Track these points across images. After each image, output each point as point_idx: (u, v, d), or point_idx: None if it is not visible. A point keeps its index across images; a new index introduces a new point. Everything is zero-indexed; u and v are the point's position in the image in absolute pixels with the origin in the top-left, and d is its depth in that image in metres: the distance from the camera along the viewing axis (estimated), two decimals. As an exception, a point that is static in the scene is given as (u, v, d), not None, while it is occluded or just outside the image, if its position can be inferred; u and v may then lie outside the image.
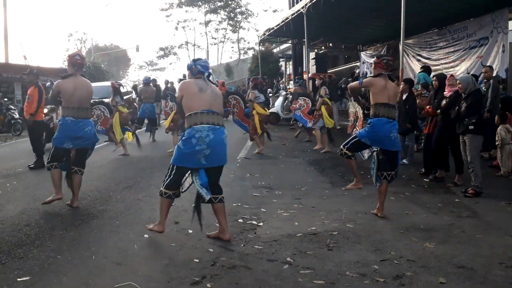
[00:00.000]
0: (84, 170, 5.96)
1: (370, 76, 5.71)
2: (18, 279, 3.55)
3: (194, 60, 4.60)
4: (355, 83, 5.68)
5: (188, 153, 4.25)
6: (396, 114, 8.89)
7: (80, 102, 5.71)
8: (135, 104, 16.43)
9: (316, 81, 11.53)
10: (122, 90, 11.72)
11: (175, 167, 4.38)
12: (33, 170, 8.54)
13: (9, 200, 6.14)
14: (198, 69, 4.48)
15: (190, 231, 4.73)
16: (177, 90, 4.63)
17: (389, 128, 5.23)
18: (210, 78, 4.52)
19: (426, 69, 10.67)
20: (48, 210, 5.64)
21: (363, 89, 6.23)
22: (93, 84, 6.51)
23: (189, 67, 4.57)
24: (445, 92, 7.06)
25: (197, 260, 3.91)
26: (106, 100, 10.68)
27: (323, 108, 10.66)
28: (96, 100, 9.48)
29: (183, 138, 4.30)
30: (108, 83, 13.58)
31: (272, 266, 3.81)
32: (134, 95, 17.75)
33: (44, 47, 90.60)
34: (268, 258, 3.98)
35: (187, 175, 4.47)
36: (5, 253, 4.13)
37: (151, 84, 14.15)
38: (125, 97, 11.88)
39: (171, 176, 4.40)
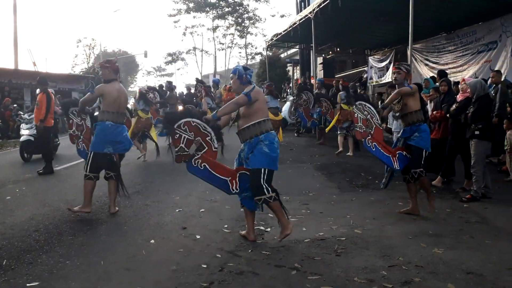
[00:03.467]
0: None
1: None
2: (28, 285, 3.58)
3: (245, 69, 4.63)
4: None
5: (276, 156, 4.54)
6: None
7: (119, 107, 5.76)
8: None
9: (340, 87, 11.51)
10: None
11: (268, 171, 4.51)
12: (42, 176, 8.60)
13: (18, 206, 6.19)
14: (248, 79, 4.58)
15: (198, 237, 4.74)
16: (254, 93, 4.49)
17: None
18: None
19: (442, 73, 10.35)
20: (57, 215, 5.68)
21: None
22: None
23: (240, 75, 4.56)
24: (457, 97, 7.04)
25: (205, 266, 3.92)
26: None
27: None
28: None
29: (267, 143, 4.43)
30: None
31: (280, 272, 3.80)
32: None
33: (53, 53, 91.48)
34: (275, 263, 3.98)
35: None
36: (14, 258, 4.16)
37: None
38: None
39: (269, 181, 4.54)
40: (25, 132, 10.35)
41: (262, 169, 4.42)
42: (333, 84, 15.45)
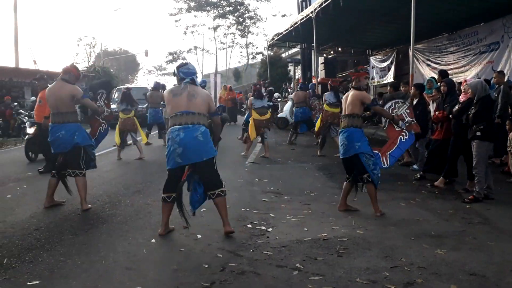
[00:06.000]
0: (84, 171, 5.93)
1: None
2: (28, 283, 3.56)
3: (178, 67, 4.80)
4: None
5: (168, 154, 4.62)
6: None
7: (54, 107, 5.94)
8: None
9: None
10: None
11: (167, 170, 4.75)
12: (43, 174, 8.57)
13: (19, 204, 6.17)
14: (180, 76, 4.73)
15: (199, 236, 4.72)
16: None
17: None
18: (197, 81, 4.80)
19: (443, 73, 10.20)
20: (57, 214, 5.66)
21: None
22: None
23: (174, 74, 4.83)
24: (460, 97, 7.02)
25: (206, 266, 3.90)
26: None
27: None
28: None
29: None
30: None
31: (281, 272, 3.78)
32: None
33: (54, 52, 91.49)
34: (277, 264, 3.96)
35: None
36: (15, 257, 4.14)
37: (160, 90, 13.92)
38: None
39: (166, 178, 4.77)
40: (30, 131, 10.32)
41: None
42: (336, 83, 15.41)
